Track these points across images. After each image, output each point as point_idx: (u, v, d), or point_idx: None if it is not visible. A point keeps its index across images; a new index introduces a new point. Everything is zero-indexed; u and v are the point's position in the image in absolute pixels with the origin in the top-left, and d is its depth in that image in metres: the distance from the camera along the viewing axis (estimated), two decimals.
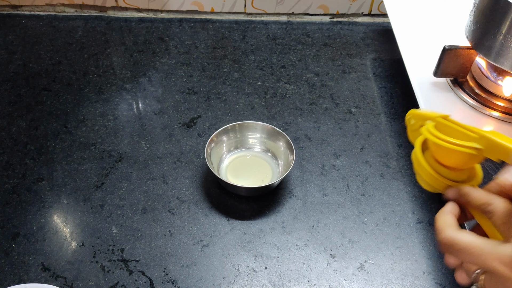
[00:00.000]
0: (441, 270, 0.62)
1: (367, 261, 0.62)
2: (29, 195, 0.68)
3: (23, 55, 0.91)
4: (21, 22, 0.99)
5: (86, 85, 0.86)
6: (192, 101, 0.83)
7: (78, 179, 0.71)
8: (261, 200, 0.69)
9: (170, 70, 0.89)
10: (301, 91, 0.86)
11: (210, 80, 0.88)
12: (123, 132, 0.78)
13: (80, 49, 0.93)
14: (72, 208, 0.67)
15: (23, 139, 0.76)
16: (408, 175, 0.73)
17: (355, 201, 0.69)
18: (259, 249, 0.63)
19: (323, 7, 1.01)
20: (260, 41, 0.97)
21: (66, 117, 0.80)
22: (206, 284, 0.60)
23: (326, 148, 0.76)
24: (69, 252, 0.62)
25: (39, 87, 0.85)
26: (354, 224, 0.66)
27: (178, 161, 0.74)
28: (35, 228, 0.65)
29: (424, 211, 0.68)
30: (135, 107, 0.82)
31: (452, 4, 0.86)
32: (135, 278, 0.60)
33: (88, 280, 0.59)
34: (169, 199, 0.69)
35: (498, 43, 0.61)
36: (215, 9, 1.01)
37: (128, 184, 0.70)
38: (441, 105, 0.69)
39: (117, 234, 0.64)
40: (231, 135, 0.73)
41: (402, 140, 0.78)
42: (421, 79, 0.72)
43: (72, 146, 0.75)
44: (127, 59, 0.91)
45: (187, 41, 0.96)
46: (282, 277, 0.61)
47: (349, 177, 0.72)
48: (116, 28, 0.98)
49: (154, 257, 0.62)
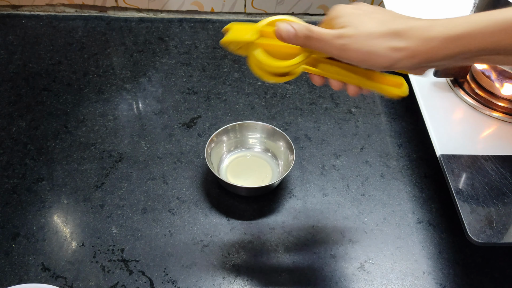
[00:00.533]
0: (441, 270, 0.62)
1: (367, 261, 0.62)
2: (29, 195, 0.68)
3: (23, 55, 0.91)
4: (21, 22, 0.99)
5: (86, 85, 0.86)
6: (192, 101, 0.83)
7: (78, 179, 0.71)
8: (261, 200, 0.69)
9: (170, 70, 0.89)
10: (301, 91, 0.86)
11: (210, 80, 0.88)
12: (123, 132, 0.78)
13: (80, 49, 0.93)
14: (72, 208, 0.67)
15: (23, 139, 0.76)
16: (408, 175, 0.73)
17: (355, 201, 0.69)
18: (259, 249, 0.63)
19: (323, 7, 1.01)
20: None
21: (66, 117, 0.80)
22: (206, 284, 0.60)
23: (326, 148, 0.76)
24: (69, 252, 0.62)
25: (39, 87, 0.85)
26: (354, 224, 0.66)
27: (178, 161, 0.74)
28: (35, 228, 0.65)
29: (424, 211, 0.68)
30: (135, 107, 0.82)
31: (452, 4, 0.86)
32: (135, 278, 0.60)
33: (88, 280, 0.59)
34: (169, 199, 0.69)
35: None
36: (215, 9, 1.01)
37: (128, 184, 0.70)
38: (441, 105, 0.69)
39: (117, 234, 0.64)
40: (231, 135, 0.73)
41: (402, 140, 0.78)
42: (421, 79, 0.72)
43: (72, 146, 0.75)
44: (127, 59, 0.91)
45: (187, 41, 0.96)
46: (282, 277, 0.61)
47: (349, 177, 0.72)
48: (116, 28, 0.98)
49: (154, 257, 0.62)
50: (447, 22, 0.40)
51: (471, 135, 0.65)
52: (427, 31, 0.40)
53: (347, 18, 0.43)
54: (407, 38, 0.41)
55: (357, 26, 0.42)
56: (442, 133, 0.64)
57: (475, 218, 0.54)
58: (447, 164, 0.60)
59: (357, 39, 0.41)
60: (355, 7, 0.44)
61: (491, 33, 0.39)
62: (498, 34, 0.39)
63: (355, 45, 0.41)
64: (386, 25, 0.41)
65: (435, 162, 0.67)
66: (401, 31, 0.41)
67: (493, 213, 0.55)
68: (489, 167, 0.60)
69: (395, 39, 0.41)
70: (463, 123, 0.67)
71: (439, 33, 0.40)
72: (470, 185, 0.58)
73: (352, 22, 0.42)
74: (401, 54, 0.41)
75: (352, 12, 0.43)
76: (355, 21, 0.42)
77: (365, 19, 0.42)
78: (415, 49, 0.40)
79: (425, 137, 0.75)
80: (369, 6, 0.45)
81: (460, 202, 0.56)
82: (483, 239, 0.52)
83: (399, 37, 0.41)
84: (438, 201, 0.69)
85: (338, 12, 0.44)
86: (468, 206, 0.55)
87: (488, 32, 0.39)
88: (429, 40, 0.40)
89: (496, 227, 0.53)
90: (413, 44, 0.40)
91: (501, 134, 0.65)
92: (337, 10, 0.44)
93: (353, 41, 0.41)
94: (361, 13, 0.43)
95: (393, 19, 0.42)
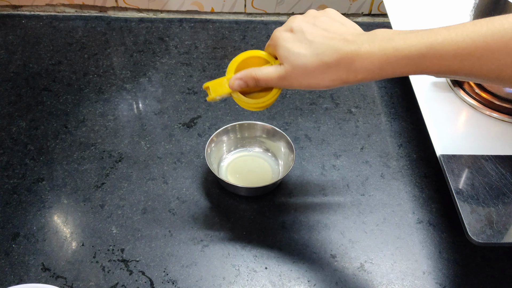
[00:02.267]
0: (441, 270, 0.62)
1: (367, 261, 0.62)
2: (29, 195, 0.68)
3: (23, 55, 0.91)
4: (21, 22, 0.99)
5: (86, 85, 0.86)
6: (192, 101, 0.83)
7: (78, 179, 0.71)
8: (261, 200, 0.69)
9: (170, 70, 0.89)
10: (301, 91, 0.86)
11: (210, 80, 0.87)
12: (123, 132, 0.78)
13: (80, 49, 0.93)
14: (72, 208, 0.67)
15: (23, 139, 0.76)
16: (408, 175, 0.73)
17: (355, 201, 0.69)
18: (259, 249, 0.63)
19: (323, 7, 1.01)
20: (260, 41, 0.97)
21: (66, 117, 0.80)
22: (206, 284, 0.60)
23: (326, 148, 0.76)
24: (69, 252, 0.62)
25: (39, 87, 0.85)
26: (354, 224, 0.66)
27: (178, 161, 0.74)
28: (35, 228, 0.65)
29: (424, 211, 0.68)
30: (135, 107, 0.82)
31: (452, 4, 0.86)
32: (135, 278, 0.60)
33: (88, 280, 0.59)
34: (169, 199, 0.69)
35: None
36: (215, 9, 1.01)
37: (128, 184, 0.70)
38: (441, 105, 0.69)
39: (117, 234, 0.64)
40: (231, 135, 0.73)
41: (402, 140, 0.78)
42: (421, 79, 0.72)
43: (72, 146, 0.75)
44: (127, 59, 0.91)
45: (187, 41, 0.96)
46: (282, 277, 0.61)
47: (349, 177, 0.72)
48: (116, 28, 0.99)
49: (154, 257, 0.62)
50: (381, 46, 0.42)
51: (471, 135, 0.65)
52: (355, 62, 0.43)
53: (282, 51, 0.47)
54: (337, 70, 0.45)
55: (292, 62, 0.46)
56: (442, 133, 0.64)
57: (475, 218, 0.54)
58: (447, 164, 0.60)
59: (296, 78, 0.47)
60: (294, 27, 0.47)
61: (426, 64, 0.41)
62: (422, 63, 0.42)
63: (296, 82, 0.47)
64: (318, 57, 0.45)
65: (435, 162, 0.67)
66: (331, 64, 0.44)
67: (493, 213, 0.55)
68: (489, 167, 0.60)
69: (327, 71, 0.45)
70: (463, 123, 0.67)
71: (369, 65, 0.43)
72: (470, 185, 0.58)
73: (288, 56, 0.47)
74: (337, 82, 0.45)
75: (287, 38, 0.47)
76: (290, 55, 0.47)
77: (301, 49, 0.46)
78: (346, 79, 0.45)
79: (425, 137, 0.75)
80: (311, 19, 0.48)
81: (460, 202, 0.56)
82: (483, 239, 0.52)
83: (330, 69, 0.45)
84: (438, 201, 0.69)
85: (275, 40, 0.49)
86: (468, 206, 0.55)
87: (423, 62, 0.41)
88: (356, 72, 0.44)
89: (496, 227, 0.53)
90: (343, 76, 0.45)
91: (501, 134, 0.65)
92: (274, 38, 0.49)
93: (293, 80, 0.47)
94: (297, 39, 0.47)
95: (327, 43, 0.45)
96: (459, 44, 0.39)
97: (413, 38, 0.41)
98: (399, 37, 0.42)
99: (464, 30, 0.39)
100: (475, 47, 0.39)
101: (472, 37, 0.39)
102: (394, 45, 0.41)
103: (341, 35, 0.45)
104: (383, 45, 0.42)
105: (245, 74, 0.51)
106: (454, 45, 0.39)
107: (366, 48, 0.43)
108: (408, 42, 0.41)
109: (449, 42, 0.40)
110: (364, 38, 0.44)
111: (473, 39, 0.39)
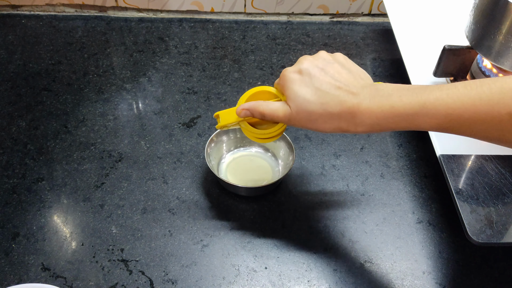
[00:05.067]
0: (441, 270, 0.62)
1: (367, 261, 0.62)
2: (29, 195, 0.68)
3: (23, 55, 0.91)
4: (21, 22, 0.99)
5: (86, 85, 0.86)
6: (192, 101, 0.83)
7: (78, 179, 0.71)
8: (261, 200, 0.69)
9: (170, 70, 0.89)
10: None
11: (210, 80, 0.88)
12: (123, 132, 0.78)
13: (80, 49, 0.93)
14: (72, 208, 0.67)
15: (23, 139, 0.76)
16: (408, 175, 0.73)
17: (355, 201, 0.69)
18: (259, 249, 0.63)
19: (323, 7, 1.01)
20: (260, 41, 0.97)
21: (66, 117, 0.80)
22: (206, 284, 0.60)
23: (326, 148, 0.76)
24: (69, 252, 0.62)
25: (39, 87, 0.85)
26: (354, 224, 0.66)
27: (178, 161, 0.74)
28: (35, 228, 0.65)
29: (424, 211, 0.68)
30: (135, 107, 0.82)
31: (452, 4, 0.86)
32: (135, 278, 0.60)
33: (88, 280, 0.59)
34: (169, 199, 0.69)
35: (498, 43, 0.61)
36: (215, 9, 1.01)
37: (128, 184, 0.70)
38: None
39: (117, 234, 0.64)
40: (231, 135, 0.73)
41: (402, 140, 0.78)
42: (421, 79, 0.72)
43: (72, 146, 0.75)
44: (127, 59, 0.91)
45: (187, 41, 0.96)
46: (282, 277, 0.61)
47: (349, 177, 0.72)
48: (116, 28, 0.99)
49: (154, 257, 0.62)
50: (380, 104, 0.45)
51: None
52: (356, 117, 0.46)
53: (289, 92, 0.50)
54: (339, 121, 0.47)
55: (298, 106, 0.49)
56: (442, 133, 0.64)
57: (475, 218, 0.54)
58: (447, 164, 0.60)
59: (299, 120, 0.49)
60: (303, 70, 0.50)
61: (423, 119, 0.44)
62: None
63: (299, 124, 0.50)
64: (323, 106, 0.47)
65: (435, 162, 0.67)
66: (334, 114, 0.47)
67: (493, 213, 0.55)
68: (489, 167, 0.60)
69: (330, 121, 0.48)
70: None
71: (368, 120, 0.46)
72: (470, 185, 0.58)
73: (294, 99, 0.49)
74: (337, 130, 0.48)
75: (295, 80, 0.49)
76: (296, 98, 0.49)
77: (306, 94, 0.48)
78: (346, 130, 0.47)
79: (425, 137, 0.75)
80: (320, 63, 0.50)
81: (460, 202, 0.56)
82: (483, 239, 0.52)
83: (332, 119, 0.47)
84: (438, 201, 0.69)
85: (283, 80, 0.51)
86: (468, 206, 0.55)
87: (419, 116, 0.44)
88: (356, 125, 0.46)
89: (496, 227, 0.53)
90: (344, 126, 0.47)
91: None
92: (283, 78, 0.51)
93: (296, 121, 0.50)
94: (304, 83, 0.49)
95: (333, 93, 0.47)
96: (449, 105, 0.41)
97: (408, 96, 0.44)
98: (397, 93, 0.44)
99: (455, 92, 0.41)
100: (464, 109, 0.41)
101: (462, 100, 0.41)
102: (391, 102, 0.44)
103: (347, 85, 0.47)
104: (382, 102, 0.45)
105: (252, 106, 0.53)
106: (445, 106, 0.41)
107: (366, 104, 0.45)
108: (403, 99, 0.44)
109: (440, 103, 0.42)
110: (366, 92, 0.46)
111: (462, 102, 0.41)
